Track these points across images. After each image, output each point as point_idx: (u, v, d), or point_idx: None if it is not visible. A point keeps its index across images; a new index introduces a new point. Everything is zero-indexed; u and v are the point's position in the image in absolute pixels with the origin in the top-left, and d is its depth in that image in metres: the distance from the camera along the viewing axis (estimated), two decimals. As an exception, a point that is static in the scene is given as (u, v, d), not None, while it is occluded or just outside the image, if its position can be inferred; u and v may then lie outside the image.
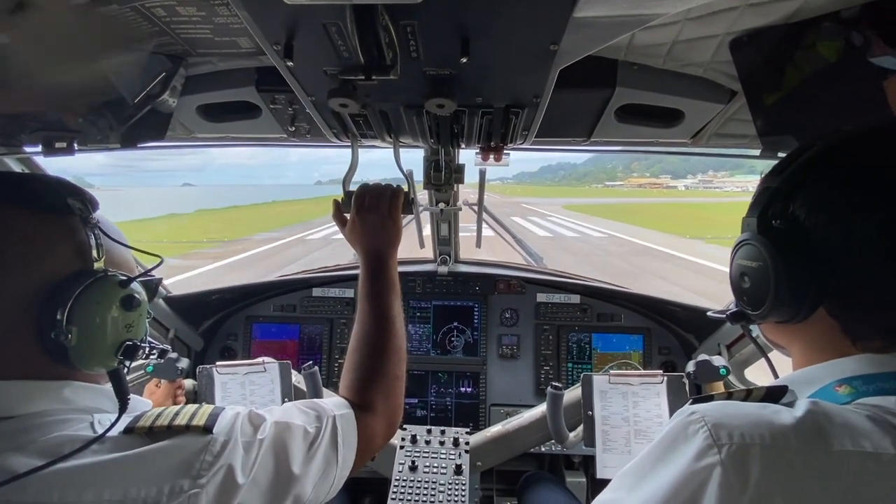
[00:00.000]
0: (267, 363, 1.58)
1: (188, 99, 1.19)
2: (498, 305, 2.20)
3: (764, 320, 0.63)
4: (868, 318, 0.54)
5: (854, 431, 0.45)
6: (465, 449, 1.63)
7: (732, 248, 0.66)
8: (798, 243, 0.55)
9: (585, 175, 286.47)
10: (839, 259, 0.53)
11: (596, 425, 1.48)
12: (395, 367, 0.91)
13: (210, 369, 1.60)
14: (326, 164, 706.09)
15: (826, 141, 0.58)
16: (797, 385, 0.58)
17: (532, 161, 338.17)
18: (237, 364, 1.60)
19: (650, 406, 1.47)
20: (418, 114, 0.97)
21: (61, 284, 0.60)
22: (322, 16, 0.68)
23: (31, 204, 0.61)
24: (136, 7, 0.81)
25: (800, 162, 0.58)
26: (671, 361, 2.06)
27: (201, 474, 0.56)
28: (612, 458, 1.45)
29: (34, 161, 1.34)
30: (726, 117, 1.13)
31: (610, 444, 1.47)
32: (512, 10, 0.67)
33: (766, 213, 0.59)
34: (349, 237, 1.08)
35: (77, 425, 0.58)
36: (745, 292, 0.63)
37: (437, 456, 1.62)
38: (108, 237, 0.67)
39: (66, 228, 0.63)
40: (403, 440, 1.67)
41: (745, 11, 0.80)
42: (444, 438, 1.67)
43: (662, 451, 0.51)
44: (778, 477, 0.43)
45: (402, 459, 1.60)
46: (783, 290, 0.57)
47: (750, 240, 0.61)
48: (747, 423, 0.47)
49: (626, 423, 1.47)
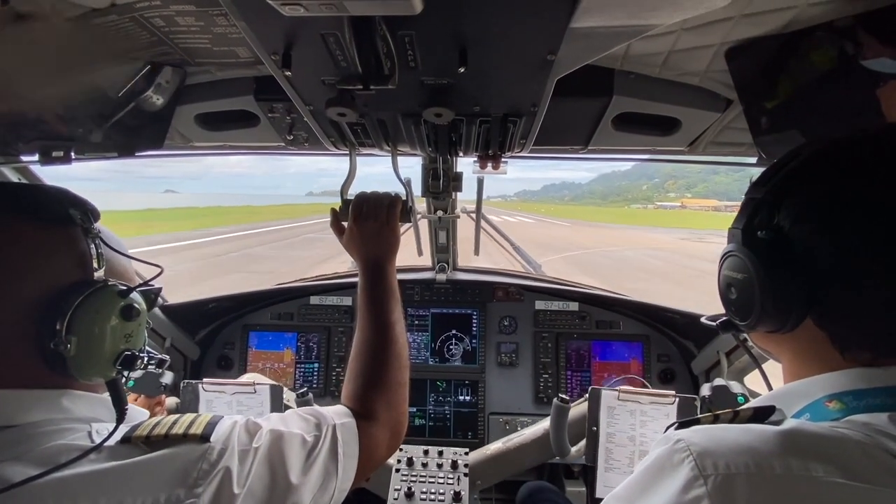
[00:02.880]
0: (258, 385, 1.51)
1: (186, 108, 1.19)
2: (496, 313, 2.19)
3: (752, 330, 0.63)
4: (854, 328, 0.53)
5: (840, 458, 0.44)
6: (463, 472, 1.56)
7: (719, 259, 0.65)
8: (783, 254, 0.55)
9: (605, 194, 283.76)
10: (824, 270, 0.52)
11: (600, 442, 1.42)
12: (397, 373, 0.89)
13: (195, 385, 1.53)
14: (325, 177, 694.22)
15: (809, 150, 0.57)
16: (788, 399, 0.57)
17: (535, 180, 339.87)
18: (225, 382, 1.53)
19: (658, 427, 1.40)
20: (416, 123, 0.98)
21: (61, 294, 0.59)
22: (320, 26, 0.68)
23: (33, 215, 0.61)
24: (135, 17, 0.81)
25: (783, 172, 0.58)
26: (670, 369, 2.05)
27: (198, 483, 0.56)
28: (614, 478, 1.39)
29: (31, 170, 1.34)
30: (722, 125, 1.13)
31: (613, 462, 1.41)
32: (509, 20, 0.67)
33: (751, 223, 0.59)
34: (347, 246, 1.07)
35: (74, 434, 0.58)
36: (733, 303, 0.63)
37: (435, 481, 1.54)
38: (108, 247, 0.67)
39: (68, 239, 0.63)
40: (399, 462, 1.60)
41: (740, 21, 0.80)
42: (441, 461, 1.60)
43: (650, 479, 0.50)
44: None
45: (397, 485, 1.52)
46: (769, 302, 0.56)
47: (735, 251, 0.60)
48: (732, 451, 0.46)
49: (631, 442, 1.41)
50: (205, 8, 0.79)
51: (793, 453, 0.45)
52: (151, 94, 1.04)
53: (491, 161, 1.19)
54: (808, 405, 0.55)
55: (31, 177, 1.35)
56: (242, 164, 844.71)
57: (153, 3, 0.78)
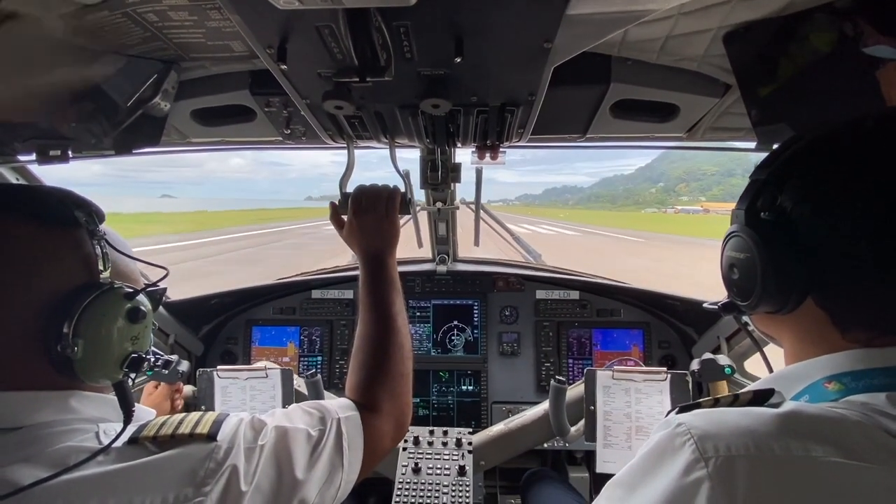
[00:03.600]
0: (269, 369, 1.57)
1: (182, 104, 1.18)
2: (497, 303, 2.20)
3: (753, 311, 0.64)
4: (854, 308, 0.54)
5: (838, 438, 0.45)
6: (467, 449, 1.62)
7: (722, 241, 0.66)
8: (785, 234, 0.56)
9: (612, 197, 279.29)
10: (825, 250, 0.53)
11: (598, 420, 1.48)
12: (399, 364, 0.90)
13: (210, 373, 1.60)
14: (326, 182, 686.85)
15: (813, 133, 0.58)
16: (787, 381, 0.58)
17: (535, 184, 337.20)
18: (239, 369, 1.60)
19: (652, 403, 1.48)
20: (413, 114, 0.97)
21: (68, 296, 0.60)
22: (315, 18, 0.68)
23: (39, 217, 0.61)
24: (128, 13, 0.80)
25: (787, 154, 0.59)
26: (671, 355, 2.07)
27: (206, 482, 0.56)
28: (612, 454, 1.45)
29: (29, 170, 1.33)
30: (721, 111, 1.13)
31: (611, 439, 1.47)
32: (505, 8, 0.67)
33: (754, 204, 0.60)
34: (347, 239, 1.07)
35: (83, 435, 0.58)
36: (735, 283, 0.64)
37: (440, 457, 1.61)
38: (114, 249, 0.67)
39: (73, 241, 0.63)
40: (406, 441, 1.67)
41: (738, 5, 0.80)
42: (446, 439, 1.67)
43: (651, 463, 0.50)
44: (763, 488, 0.43)
45: (404, 462, 1.59)
46: (770, 281, 0.57)
47: (738, 231, 0.61)
48: (732, 434, 0.46)
49: (627, 419, 1.48)
50: (198, 2, 0.79)
51: (792, 435, 0.45)
52: (146, 90, 1.04)
53: (489, 151, 1.19)
54: (808, 387, 0.55)
55: (29, 176, 1.34)
56: (244, 170, 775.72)
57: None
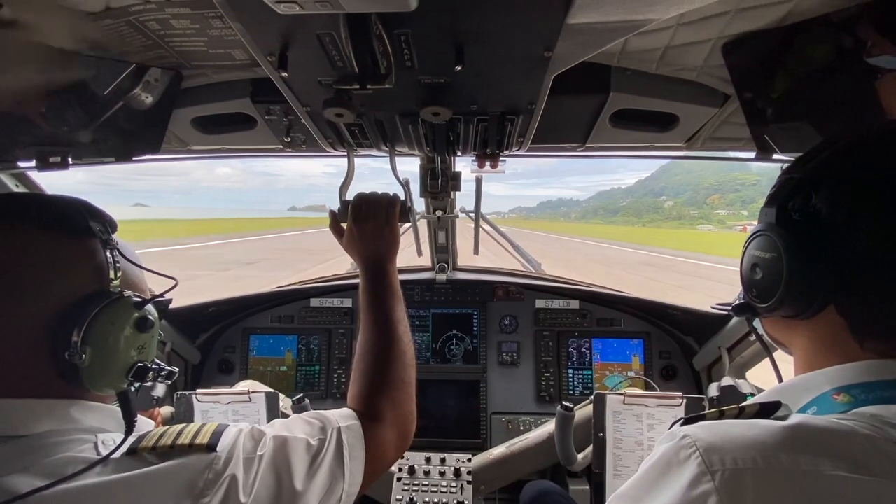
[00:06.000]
0: (253, 393, 1.48)
1: (183, 111, 1.19)
2: (497, 312, 2.19)
3: (772, 314, 0.62)
4: (877, 319, 0.52)
5: (847, 451, 0.44)
6: (466, 480, 1.54)
7: (746, 240, 0.65)
8: (816, 237, 0.54)
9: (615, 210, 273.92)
10: (857, 257, 0.51)
11: (607, 448, 1.40)
12: (401, 372, 0.88)
13: (189, 396, 1.51)
14: (317, 192, 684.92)
15: (856, 135, 0.57)
16: (794, 393, 0.57)
17: (528, 197, 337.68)
18: (219, 392, 1.51)
19: (667, 430, 1.39)
20: (414, 122, 0.97)
21: (79, 304, 0.60)
22: (316, 26, 0.68)
23: (55, 226, 0.62)
24: (130, 21, 0.81)
25: (827, 154, 0.57)
26: (672, 366, 2.05)
27: (204, 493, 0.56)
28: (622, 485, 1.38)
29: (29, 176, 1.33)
30: (720, 121, 1.13)
31: (621, 469, 1.38)
32: (506, 17, 0.67)
33: (787, 204, 0.58)
34: (347, 247, 1.07)
35: (81, 446, 0.58)
36: (756, 284, 0.62)
37: (438, 490, 1.52)
38: (124, 258, 0.67)
39: (87, 250, 0.63)
40: (401, 470, 1.58)
41: (737, 16, 0.80)
42: (444, 468, 1.58)
43: (656, 476, 0.49)
44: (772, 502, 0.42)
45: (399, 495, 1.50)
46: (796, 283, 0.55)
47: (766, 230, 0.60)
48: (739, 447, 0.45)
49: (639, 447, 1.39)
50: (200, 10, 0.79)
51: (800, 448, 0.44)
52: (147, 98, 1.04)
53: (489, 160, 1.19)
54: (815, 399, 0.54)
55: (29, 183, 1.34)
56: (231, 179, 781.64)
57: (148, 7, 0.77)
